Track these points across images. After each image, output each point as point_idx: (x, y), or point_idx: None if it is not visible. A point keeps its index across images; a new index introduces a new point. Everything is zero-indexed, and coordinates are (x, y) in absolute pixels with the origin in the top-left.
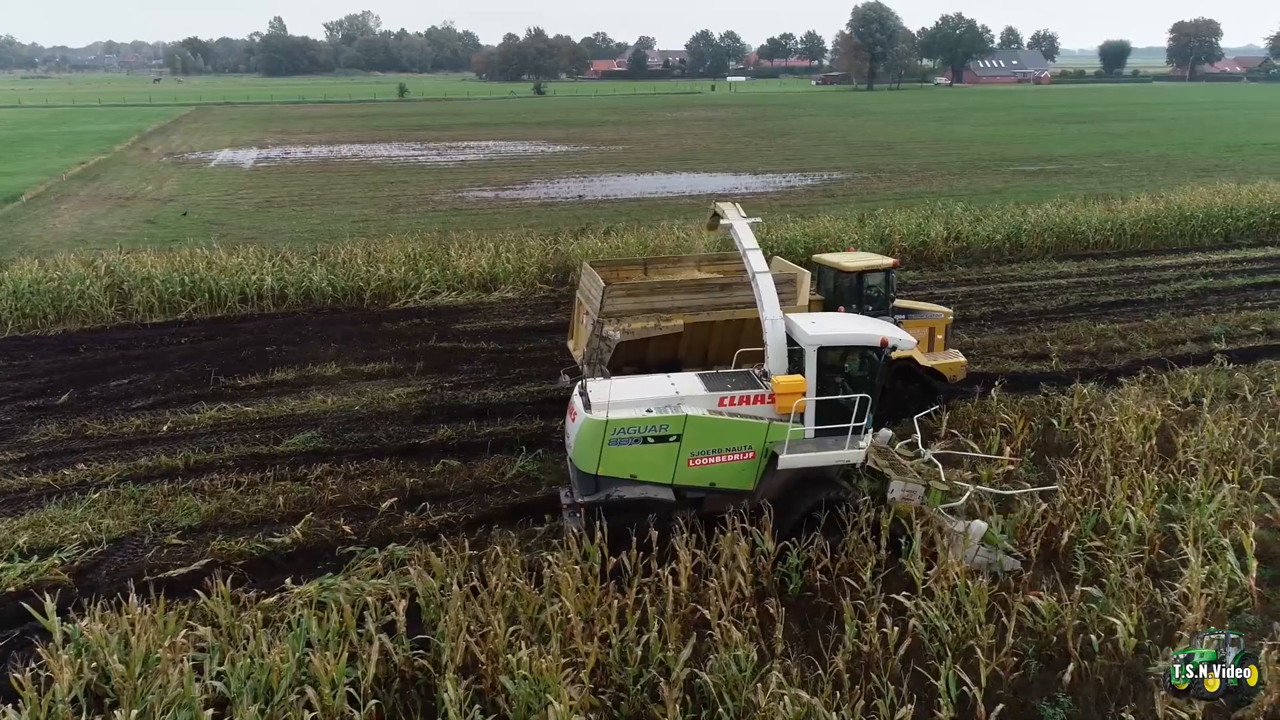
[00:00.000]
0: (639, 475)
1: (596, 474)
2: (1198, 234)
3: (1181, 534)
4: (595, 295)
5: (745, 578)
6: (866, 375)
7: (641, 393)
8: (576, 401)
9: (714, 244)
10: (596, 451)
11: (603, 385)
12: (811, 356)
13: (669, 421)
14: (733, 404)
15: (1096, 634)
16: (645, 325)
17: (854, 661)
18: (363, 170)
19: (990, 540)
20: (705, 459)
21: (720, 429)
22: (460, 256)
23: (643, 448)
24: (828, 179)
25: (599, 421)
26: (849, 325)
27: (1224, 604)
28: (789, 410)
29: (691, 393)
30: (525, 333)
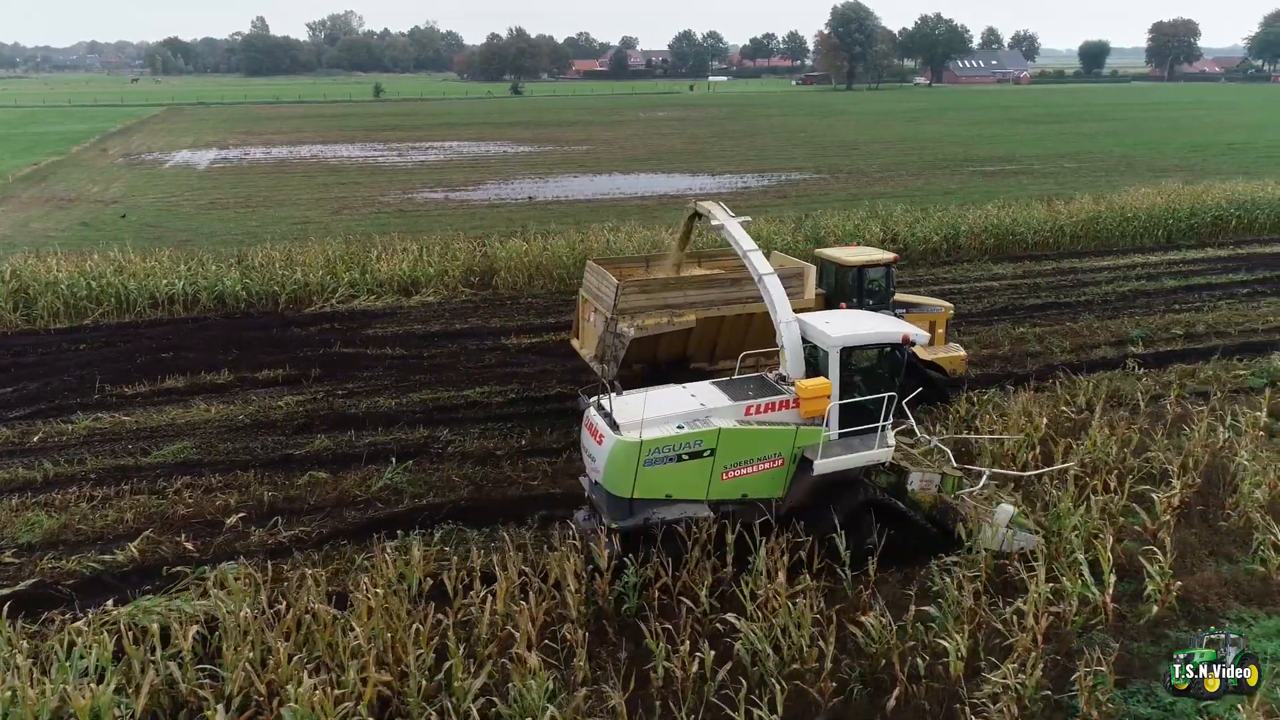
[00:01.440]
0: (674, 494)
1: (631, 498)
2: (1139, 235)
3: (1040, 549)
4: (607, 293)
5: (575, 597)
6: (889, 373)
7: (668, 409)
8: (598, 421)
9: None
10: (631, 474)
11: (625, 403)
12: (835, 359)
13: (702, 436)
14: (759, 412)
15: (923, 657)
16: (658, 321)
17: (665, 688)
18: (318, 171)
19: (1016, 523)
20: (738, 470)
21: (752, 439)
22: (381, 260)
23: (677, 466)
24: (785, 180)
25: (633, 443)
26: (869, 324)
27: (1071, 622)
28: (815, 414)
29: (717, 404)
30: (436, 338)
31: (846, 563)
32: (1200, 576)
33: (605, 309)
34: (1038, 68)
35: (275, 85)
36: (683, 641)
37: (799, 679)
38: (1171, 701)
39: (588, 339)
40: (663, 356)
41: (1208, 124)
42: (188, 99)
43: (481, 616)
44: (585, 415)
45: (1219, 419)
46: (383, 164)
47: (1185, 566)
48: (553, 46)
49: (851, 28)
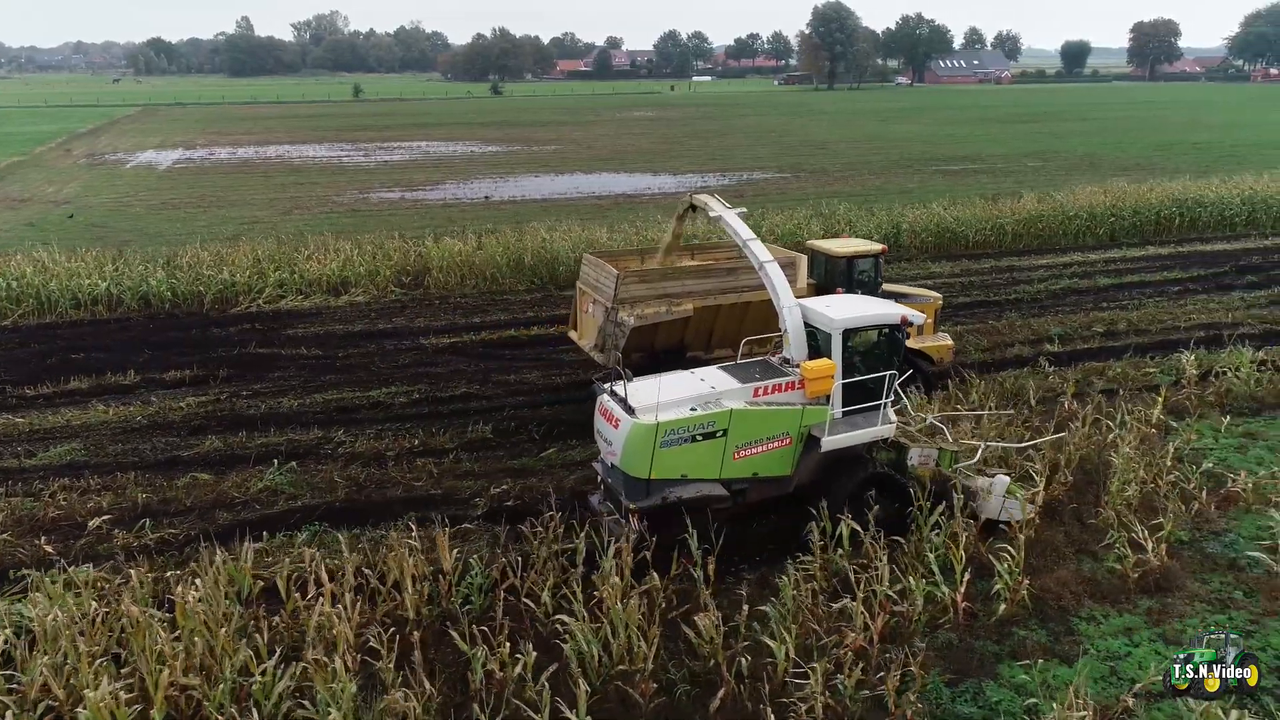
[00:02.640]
0: (689, 474)
1: (648, 478)
2: (1082, 234)
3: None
4: (607, 283)
5: (414, 599)
6: (889, 353)
7: (681, 392)
8: (613, 407)
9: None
10: (648, 456)
11: (638, 388)
12: (838, 340)
13: (715, 418)
14: (766, 393)
15: (745, 656)
16: (657, 310)
17: (485, 690)
18: (280, 171)
19: (1011, 492)
20: (749, 450)
21: (761, 419)
22: (311, 260)
23: (691, 446)
24: (746, 179)
25: (650, 425)
26: (868, 307)
27: (915, 620)
28: (820, 394)
29: (727, 387)
30: (356, 338)
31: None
32: (1058, 574)
33: (605, 299)
34: (1019, 68)
35: (257, 86)
36: (500, 643)
37: (626, 679)
38: (997, 701)
39: (586, 330)
40: (660, 345)
41: (1178, 123)
42: (165, 99)
43: (309, 619)
44: (599, 401)
45: (1108, 416)
46: (347, 164)
47: (1046, 565)
48: (537, 46)
49: (832, 27)
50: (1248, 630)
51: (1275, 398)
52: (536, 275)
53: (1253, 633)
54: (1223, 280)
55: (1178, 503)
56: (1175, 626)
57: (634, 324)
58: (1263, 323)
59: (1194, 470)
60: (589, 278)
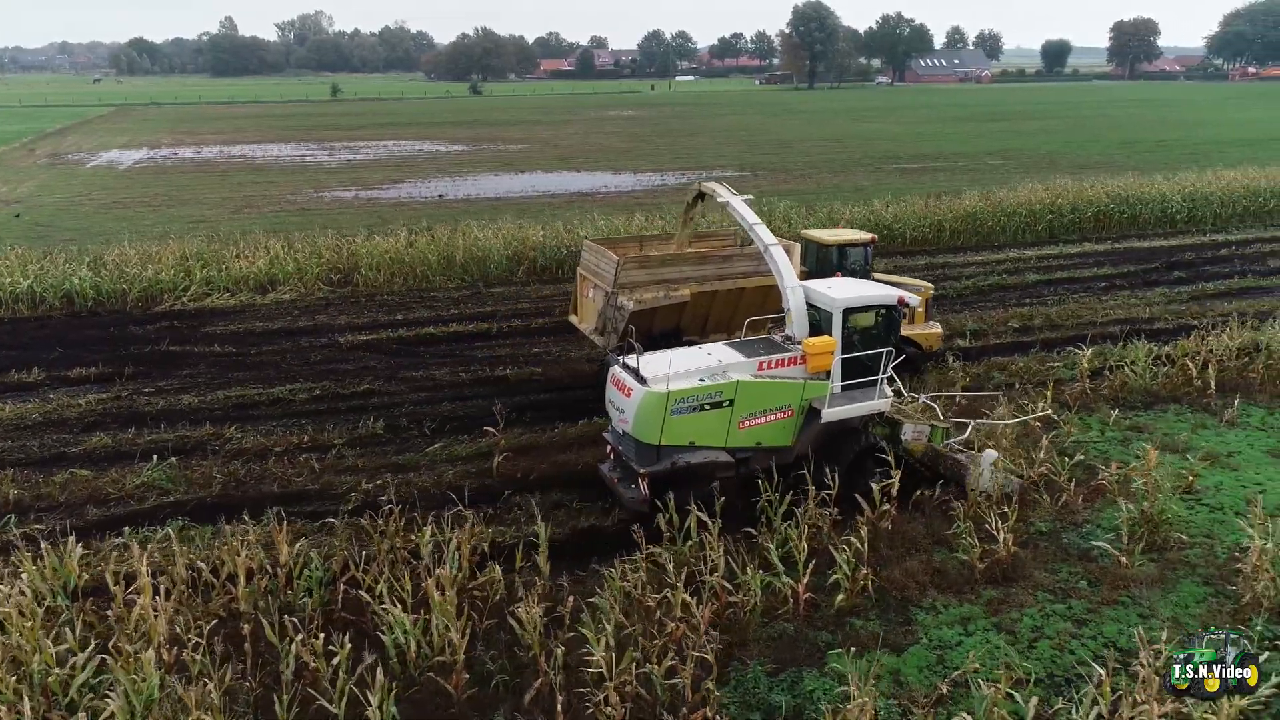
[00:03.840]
0: (697, 441)
1: (659, 444)
2: (1020, 231)
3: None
4: (607, 269)
5: (246, 594)
6: (886, 331)
7: (689, 364)
8: (625, 377)
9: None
10: (659, 423)
11: (652, 359)
12: (838, 318)
13: (722, 388)
14: (770, 368)
15: (560, 647)
16: (655, 295)
17: (295, 683)
18: (240, 170)
19: (999, 465)
20: (753, 420)
21: (765, 391)
22: (240, 258)
23: (700, 415)
24: (705, 177)
25: (660, 394)
26: (866, 288)
27: (750, 611)
28: (821, 369)
29: (733, 360)
30: (274, 335)
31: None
32: (906, 565)
33: (605, 284)
34: (1000, 67)
35: (239, 86)
36: (314, 634)
37: (445, 670)
38: (812, 690)
39: (586, 314)
40: (658, 329)
41: (1147, 122)
42: (141, 99)
43: (130, 614)
44: (611, 372)
45: (990, 410)
46: (309, 163)
47: (898, 556)
48: (520, 46)
49: (812, 26)
50: (1083, 619)
51: (1169, 392)
52: (467, 273)
53: (1087, 621)
54: (1150, 276)
55: (1043, 494)
56: (1012, 616)
57: (633, 308)
58: (1178, 317)
59: (1066, 463)
60: (589, 264)
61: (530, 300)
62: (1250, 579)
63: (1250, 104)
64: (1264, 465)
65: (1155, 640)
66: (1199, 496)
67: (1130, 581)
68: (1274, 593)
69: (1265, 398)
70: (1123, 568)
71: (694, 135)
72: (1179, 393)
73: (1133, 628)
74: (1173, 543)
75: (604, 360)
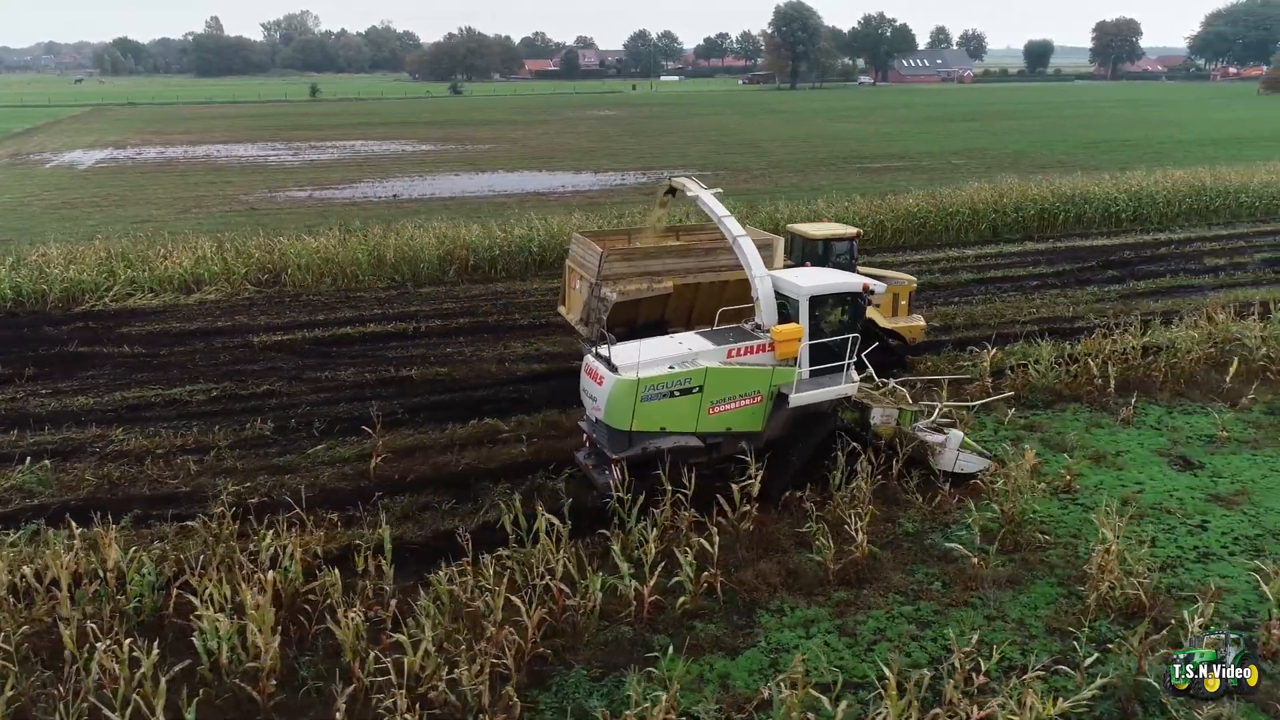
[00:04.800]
0: (668, 427)
1: (630, 430)
2: (963, 230)
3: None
4: (592, 261)
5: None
6: (852, 318)
7: (660, 353)
8: (597, 366)
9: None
10: (630, 409)
11: (624, 348)
12: (805, 306)
13: (692, 375)
14: (739, 355)
15: (377, 653)
16: (639, 287)
17: (99, 692)
18: (200, 170)
19: (966, 445)
20: (723, 406)
21: (734, 377)
22: (166, 258)
23: (670, 401)
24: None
25: (631, 381)
26: (832, 276)
27: (589, 614)
28: (789, 355)
29: (702, 348)
30: (189, 336)
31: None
32: (759, 567)
33: (590, 275)
34: (982, 67)
35: (222, 86)
36: (117, 639)
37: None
38: (629, 695)
39: (573, 305)
40: (642, 320)
41: (1120, 121)
42: (118, 99)
43: None
44: (585, 362)
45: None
46: (270, 163)
47: (755, 557)
48: (504, 46)
49: (794, 26)
50: (928, 621)
51: (1072, 391)
52: (398, 273)
53: (932, 624)
54: (1084, 275)
55: (916, 494)
56: (858, 619)
57: (616, 299)
58: (1101, 316)
59: None
60: (577, 256)
61: (457, 300)
62: (1094, 580)
63: (1225, 104)
64: (1149, 464)
65: (997, 642)
66: (1075, 496)
67: (984, 583)
68: (1119, 593)
69: (1166, 396)
70: (974, 569)
71: (665, 135)
72: (1080, 391)
73: (975, 630)
74: (1036, 543)
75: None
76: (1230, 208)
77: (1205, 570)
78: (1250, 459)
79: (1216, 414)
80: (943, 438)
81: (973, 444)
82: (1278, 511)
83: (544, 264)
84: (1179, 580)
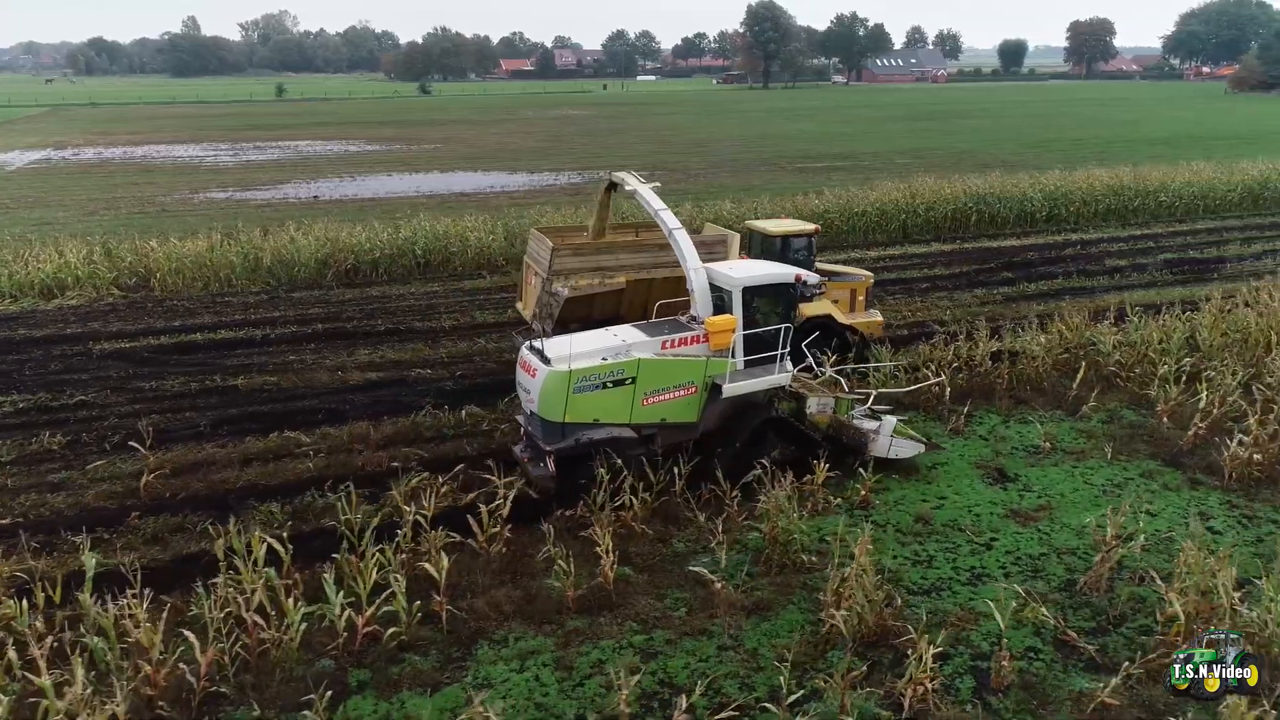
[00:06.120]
0: (601, 418)
1: (563, 422)
2: (870, 231)
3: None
4: (544, 256)
5: None
6: (786, 309)
7: (593, 345)
8: (530, 358)
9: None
10: (563, 400)
11: (556, 341)
12: (738, 297)
13: (624, 366)
14: (673, 346)
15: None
16: (591, 282)
17: None
18: (128, 171)
19: (899, 431)
20: (657, 397)
21: (667, 368)
22: (26, 263)
23: (603, 392)
24: (596, 178)
25: (563, 373)
26: (766, 268)
27: (285, 646)
28: (722, 346)
29: (636, 340)
30: (33, 344)
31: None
32: (495, 594)
33: (542, 271)
34: (957, 66)
35: (194, 86)
36: None
37: None
38: None
39: (529, 300)
40: (597, 316)
41: (1078, 120)
42: (81, 100)
43: None
44: (519, 355)
45: None
46: (206, 163)
47: (498, 582)
48: (479, 46)
49: (766, 26)
50: (657, 652)
51: (911, 398)
52: (274, 276)
53: (659, 654)
54: (979, 277)
55: (697, 512)
56: (582, 651)
57: (568, 295)
58: (975, 318)
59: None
60: (532, 251)
61: (326, 305)
62: (829, 606)
63: (1190, 103)
64: (962, 477)
65: (713, 672)
66: (869, 512)
67: (726, 610)
68: (856, 622)
69: (1006, 405)
70: (719, 595)
71: (616, 135)
72: (919, 399)
73: (703, 661)
74: (801, 565)
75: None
76: (1150, 208)
77: (973, 593)
78: (1068, 471)
79: (1039, 424)
80: (877, 424)
81: (906, 429)
82: (1071, 529)
83: (428, 267)
84: (940, 605)
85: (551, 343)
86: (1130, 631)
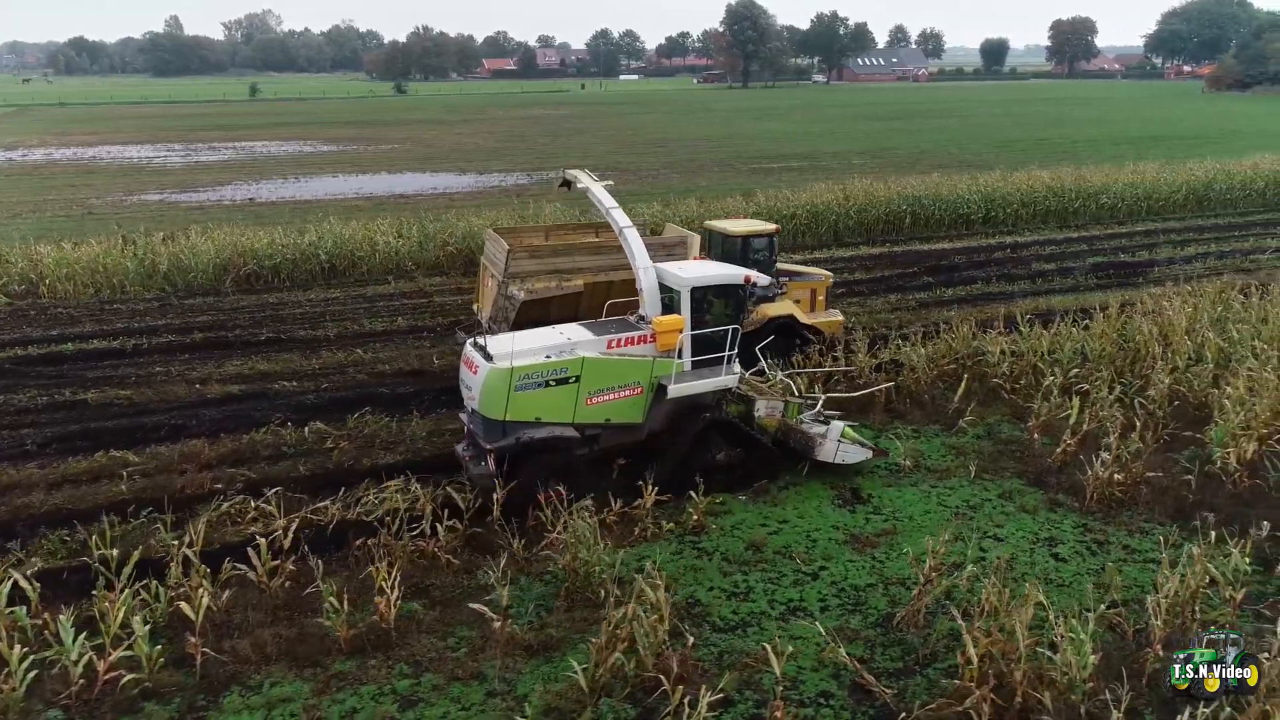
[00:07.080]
0: (543, 417)
1: (504, 420)
2: (801, 233)
3: None
4: (500, 258)
5: None
6: (734, 310)
7: (536, 342)
8: (474, 355)
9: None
10: (504, 398)
11: (500, 338)
12: (686, 297)
13: (568, 364)
14: (620, 345)
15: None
16: (548, 285)
17: None
18: (70, 173)
19: (846, 436)
20: (601, 397)
21: (612, 368)
22: None
23: (545, 391)
24: (545, 178)
25: (504, 370)
26: (715, 268)
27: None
28: (669, 347)
29: (581, 338)
30: None
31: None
32: (257, 635)
33: (499, 273)
34: (939, 65)
35: (169, 85)
36: None
37: None
38: None
39: (485, 302)
40: (555, 318)
41: (1043, 120)
42: (50, 100)
43: None
44: (463, 352)
45: None
46: (154, 165)
47: (271, 620)
48: (461, 45)
49: (745, 25)
50: (419, 699)
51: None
52: (170, 283)
53: (420, 702)
54: (899, 281)
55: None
56: (338, 698)
57: (524, 298)
58: (881, 324)
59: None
60: (489, 253)
61: (218, 313)
62: (601, 648)
63: (1164, 102)
64: (811, 500)
65: None
66: (699, 539)
67: (501, 651)
68: (627, 671)
69: (879, 420)
70: (497, 634)
71: (579, 135)
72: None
73: (465, 710)
74: (600, 600)
75: None
76: (1090, 210)
77: (782, 629)
78: (924, 493)
79: (903, 440)
80: (824, 428)
81: (853, 434)
82: (907, 556)
83: (333, 272)
84: (738, 644)
85: (494, 339)
86: (936, 673)
